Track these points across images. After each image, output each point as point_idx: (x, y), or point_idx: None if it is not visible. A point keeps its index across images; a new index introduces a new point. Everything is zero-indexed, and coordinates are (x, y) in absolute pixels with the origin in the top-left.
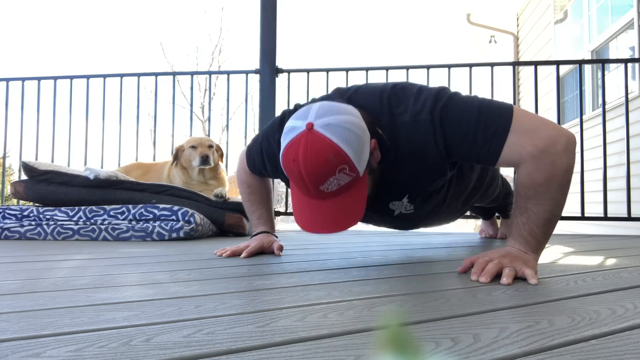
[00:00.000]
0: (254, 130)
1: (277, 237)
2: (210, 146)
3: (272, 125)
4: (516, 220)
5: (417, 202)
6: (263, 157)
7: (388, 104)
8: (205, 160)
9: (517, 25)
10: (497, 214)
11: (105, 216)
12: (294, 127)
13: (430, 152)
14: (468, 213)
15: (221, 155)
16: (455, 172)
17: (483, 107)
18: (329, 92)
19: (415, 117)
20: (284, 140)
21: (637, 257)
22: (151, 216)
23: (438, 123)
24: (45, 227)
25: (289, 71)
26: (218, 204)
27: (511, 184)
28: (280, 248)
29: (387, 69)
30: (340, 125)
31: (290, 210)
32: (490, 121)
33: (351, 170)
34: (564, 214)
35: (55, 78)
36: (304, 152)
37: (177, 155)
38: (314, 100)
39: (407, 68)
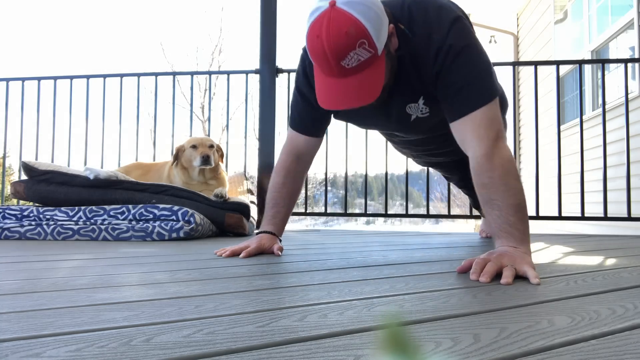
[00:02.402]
0: (254, 130)
1: (280, 240)
2: (211, 146)
3: (301, 58)
4: (491, 218)
5: (432, 104)
6: (299, 85)
7: (408, 11)
8: (206, 160)
9: (517, 25)
10: None
11: (105, 216)
12: (318, 7)
13: (428, 66)
14: (469, 213)
15: (221, 156)
16: None
17: (484, 75)
18: None
19: (429, 33)
20: (309, 21)
21: (637, 257)
22: (151, 216)
23: (442, 56)
24: (45, 227)
25: (289, 71)
26: (218, 204)
27: None
28: (280, 249)
29: None
30: (361, 2)
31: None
32: (478, 89)
33: (370, 46)
34: (564, 213)
35: (55, 78)
36: (327, 27)
37: (177, 155)
38: None
39: None
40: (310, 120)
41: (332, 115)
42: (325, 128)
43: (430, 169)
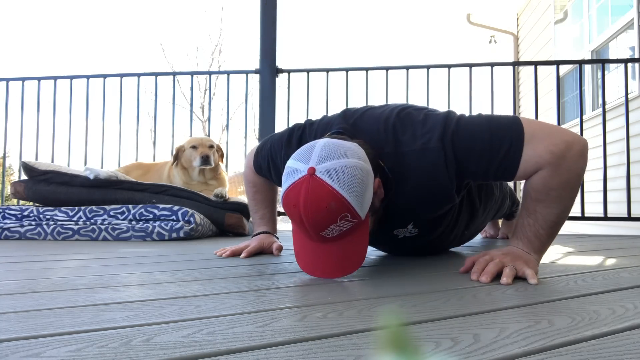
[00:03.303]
0: (254, 131)
1: (277, 237)
2: (211, 146)
3: (280, 139)
4: (522, 221)
5: (422, 226)
6: (269, 167)
7: (393, 132)
8: (206, 160)
9: (517, 25)
10: None
11: (105, 216)
12: (295, 170)
13: (439, 179)
14: None
15: (222, 156)
16: (465, 199)
17: (492, 125)
18: (337, 112)
19: (424, 145)
20: (286, 181)
21: (637, 257)
22: (151, 216)
23: (450, 149)
24: (45, 227)
25: (289, 71)
26: (218, 204)
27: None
28: (280, 248)
29: (387, 69)
30: (343, 171)
31: None
32: (502, 139)
33: (353, 217)
34: None
35: (55, 78)
36: (305, 199)
37: (177, 155)
38: (321, 120)
39: (407, 68)
40: (264, 177)
41: None
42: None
43: None
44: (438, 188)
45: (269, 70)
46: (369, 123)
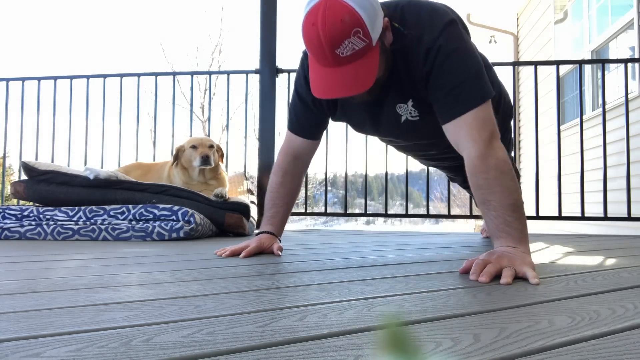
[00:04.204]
0: (254, 131)
1: (280, 240)
2: (211, 146)
3: (300, 62)
4: (487, 219)
5: (421, 108)
6: (298, 88)
7: (401, 11)
8: (205, 160)
9: (517, 25)
10: None
11: (105, 216)
12: None
13: (417, 68)
14: (469, 213)
15: (222, 156)
16: None
17: (475, 76)
18: None
19: (420, 35)
20: (305, 10)
21: (637, 257)
22: (151, 216)
23: (432, 57)
24: (45, 227)
25: (289, 71)
26: (218, 204)
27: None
28: (280, 249)
29: None
30: None
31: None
32: (469, 90)
33: (364, 36)
34: (564, 213)
35: (55, 78)
36: (323, 15)
37: (177, 155)
38: None
39: None
40: (307, 123)
41: (329, 118)
42: (323, 131)
43: (432, 168)
44: (417, 73)
45: (269, 70)
46: (382, 3)
